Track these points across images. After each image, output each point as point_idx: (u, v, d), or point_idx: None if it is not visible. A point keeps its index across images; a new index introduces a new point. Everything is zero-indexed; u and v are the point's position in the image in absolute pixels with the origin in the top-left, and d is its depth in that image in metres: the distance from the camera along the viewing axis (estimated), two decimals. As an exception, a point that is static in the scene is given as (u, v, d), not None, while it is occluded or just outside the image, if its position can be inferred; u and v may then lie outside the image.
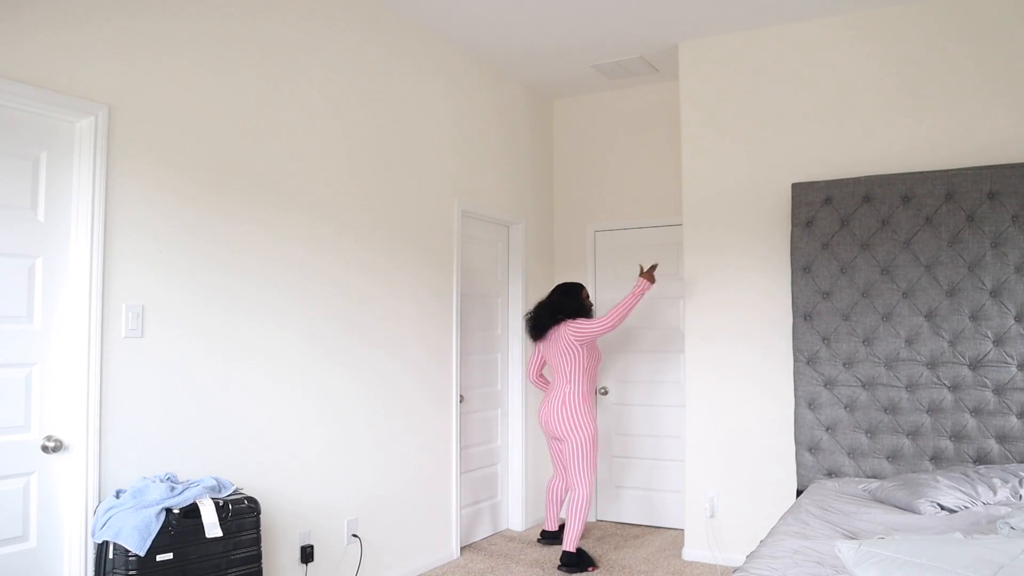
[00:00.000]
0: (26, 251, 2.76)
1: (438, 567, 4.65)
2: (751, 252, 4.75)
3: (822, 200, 4.32)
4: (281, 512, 3.65)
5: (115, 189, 2.98)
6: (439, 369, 4.76)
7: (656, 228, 5.72)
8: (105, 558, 2.72)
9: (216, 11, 3.42)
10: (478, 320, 5.31)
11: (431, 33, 4.77)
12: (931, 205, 4.09)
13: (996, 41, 4.21)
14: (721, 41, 4.89)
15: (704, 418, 4.83)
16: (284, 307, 3.71)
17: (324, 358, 3.92)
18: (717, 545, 4.77)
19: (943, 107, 4.31)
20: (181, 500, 2.83)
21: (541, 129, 6.00)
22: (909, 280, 4.11)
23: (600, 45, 5.02)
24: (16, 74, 2.69)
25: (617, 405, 5.79)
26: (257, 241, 3.58)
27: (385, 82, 4.39)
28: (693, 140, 4.95)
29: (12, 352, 2.71)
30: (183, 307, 3.23)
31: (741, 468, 4.71)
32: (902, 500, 3.35)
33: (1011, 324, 3.90)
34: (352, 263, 4.12)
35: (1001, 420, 3.90)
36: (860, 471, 4.17)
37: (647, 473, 5.67)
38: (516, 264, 5.64)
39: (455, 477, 4.84)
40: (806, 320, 4.32)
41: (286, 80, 3.76)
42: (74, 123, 2.90)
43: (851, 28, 4.54)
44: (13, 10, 2.69)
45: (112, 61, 2.99)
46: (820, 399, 4.27)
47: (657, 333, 5.68)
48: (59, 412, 2.84)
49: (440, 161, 4.83)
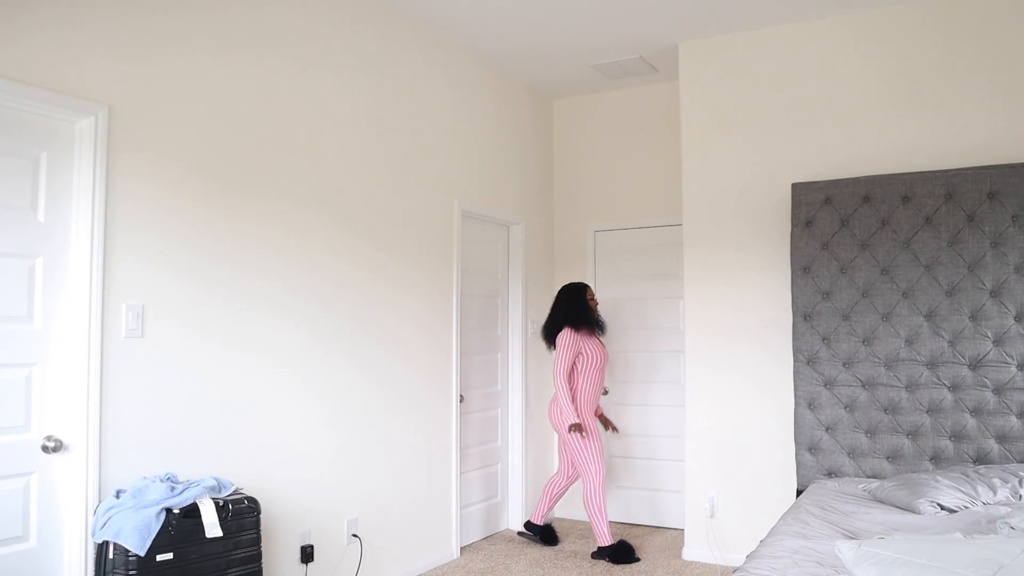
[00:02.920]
0: (26, 251, 2.76)
1: (438, 567, 4.66)
2: (751, 252, 4.75)
3: (822, 200, 4.32)
4: (281, 512, 3.65)
5: (115, 189, 2.98)
6: (439, 369, 4.76)
7: (656, 228, 5.72)
8: (105, 558, 2.72)
9: (216, 11, 3.42)
10: (478, 320, 5.31)
11: (431, 33, 4.77)
12: (931, 205, 4.10)
13: (996, 41, 4.21)
14: (721, 41, 4.89)
15: (704, 418, 4.83)
16: (284, 308, 3.71)
17: (325, 358, 3.92)
18: (717, 545, 4.77)
19: (943, 107, 4.31)
20: (181, 500, 2.83)
21: (541, 129, 6.00)
22: (909, 280, 4.11)
23: (600, 45, 5.02)
24: (16, 74, 2.69)
25: (617, 405, 5.79)
26: (258, 241, 3.58)
27: (385, 81, 4.39)
28: (693, 140, 4.95)
29: (12, 352, 2.71)
30: (183, 307, 3.23)
31: (741, 468, 4.71)
32: (902, 500, 3.35)
33: (1011, 324, 3.90)
34: (351, 263, 4.12)
35: (1001, 420, 3.90)
36: (860, 471, 4.17)
37: (647, 473, 5.67)
38: (516, 264, 5.64)
39: (455, 477, 4.84)
40: (806, 320, 4.32)
41: (287, 79, 3.76)
42: (74, 123, 2.90)
43: (851, 28, 4.54)
44: (13, 10, 2.69)
45: (112, 61, 2.99)
46: (820, 399, 4.27)
47: (657, 333, 5.68)
48: (59, 412, 2.84)
49: (440, 161, 4.83)
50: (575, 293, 4.91)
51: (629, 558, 4.68)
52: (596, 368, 4.86)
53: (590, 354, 4.83)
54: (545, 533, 5.10)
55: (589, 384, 4.85)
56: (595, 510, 4.70)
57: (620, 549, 4.68)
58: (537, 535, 5.11)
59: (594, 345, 4.87)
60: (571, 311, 4.86)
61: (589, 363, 4.84)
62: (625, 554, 4.68)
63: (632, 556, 4.69)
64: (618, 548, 4.68)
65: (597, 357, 4.86)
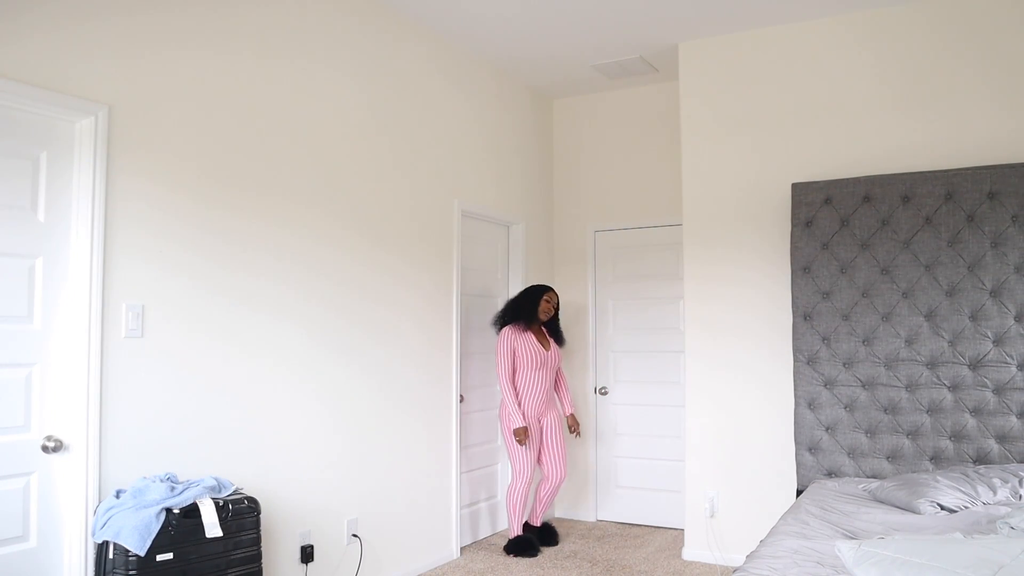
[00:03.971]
0: (26, 251, 2.76)
1: (438, 567, 4.66)
2: (751, 252, 4.75)
3: (822, 200, 4.32)
4: (281, 512, 3.65)
5: (115, 189, 2.98)
6: (440, 369, 4.76)
7: (656, 228, 5.72)
8: (105, 558, 2.72)
9: (217, 10, 3.42)
10: (478, 320, 5.31)
11: (432, 33, 4.77)
12: (931, 205, 4.09)
13: (996, 41, 4.21)
14: (721, 41, 4.89)
15: (704, 418, 4.83)
16: (284, 308, 3.71)
17: (325, 358, 3.92)
18: (717, 545, 4.77)
19: (943, 107, 4.31)
20: (181, 500, 2.83)
21: (541, 129, 6.00)
22: (909, 280, 4.11)
23: (600, 45, 5.02)
24: (16, 74, 2.69)
25: (617, 405, 5.79)
26: (258, 241, 3.58)
27: (386, 81, 4.39)
28: (693, 140, 4.95)
29: (12, 352, 2.71)
30: (183, 307, 3.23)
31: (741, 468, 4.71)
32: (902, 500, 3.35)
33: (1011, 324, 3.90)
34: (351, 263, 4.11)
35: (1001, 420, 3.90)
36: (860, 471, 4.17)
37: (647, 473, 5.67)
38: (516, 264, 5.64)
39: (455, 477, 4.84)
40: (806, 320, 4.32)
41: (289, 78, 3.76)
42: (74, 123, 2.90)
43: (851, 28, 4.54)
44: (13, 10, 2.69)
45: (112, 61, 2.99)
46: (820, 399, 4.27)
47: (657, 333, 5.68)
48: (59, 412, 2.84)
49: (440, 160, 4.83)
50: (530, 294, 4.98)
51: (526, 551, 4.82)
52: (536, 367, 4.87)
53: (527, 352, 4.85)
54: (543, 534, 5.09)
55: (529, 384, 4.87)
56: (511, 505, 4.89)
57: (518, 542, 4.85)
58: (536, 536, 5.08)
59: (531, 343, 4.87)
60: (514, 308, 4.95)
61: (526, 361, 4.86)
62: (521, 547, 4.84)
63: (528, 550, 4.83)
64: (516, 541, 4.86)
65: (536, 356, 4.86)
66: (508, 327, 4.91)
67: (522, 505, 4.90)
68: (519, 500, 4.89)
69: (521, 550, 4.83)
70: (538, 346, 4.91)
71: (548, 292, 4.97)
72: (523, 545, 4.85)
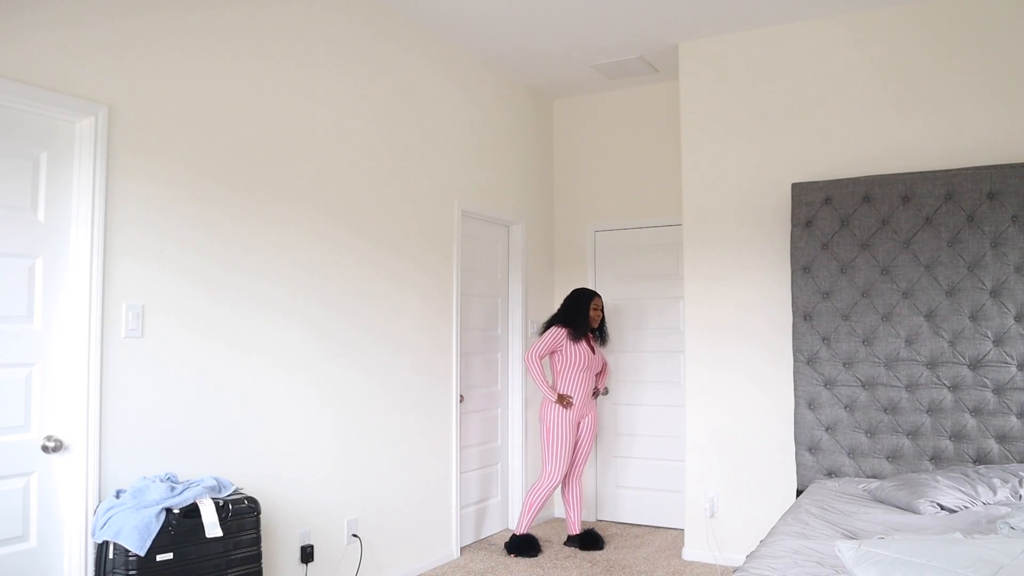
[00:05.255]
0: (26, 251, 2.76)
1: (438, 567, 4.66)
2: (751, 252, 4.75)
3: (822, 200, 4.32)
4: (281, 512, 3.65)
5: (115, 189, 2.98)
6: (439, 369, 4.76)
7: (656, 228, 5.72)
8: (105, 558, 2.72)
9: (217, 10, 3.42)
10: (478, 320, 5.31)
11: (431, 33, 4.77)
12: (931, 205, 4.09)
13: (996, 41, 4.21)
14: (721, 41, 4.89)
15: (704, 418, 4.83)
16: (284, 308, 3.71)
17: (325, 358, 3.92)
18: (717, 545, 4.77)
19: (943, 107, 4.31)
20: (181, 500, 2.83)
21: (541, 129, 6.00)
22: (909, 280, 4.11)
23: (600, 45, 5.02)
24: (16, 74, 2.69)
25: (617, 405, 5.79)
26: (258, 241, 3.58)
27: (386, 81, 4.39)
28: (693, 140, 4.95)
29: (12, 352, 2.71)
30: (183, 307, 3.23)
31: (741, 468, 4.71)
32: (902, 500, 3.35)
33: (1011, 324, 3.90)
34: (351, 263, 4.11)
35: (1001, 420, 3.90)
36: (860, 471, 4.17)
37: (647, 473, 5.67)
38: (516, 264, 5.64)
39: (455, 477, 4.84)
40: (806, 320, 4.32)
41: (288, 78, 3.76)
42: (74, 123, 2.90)
43: (851, 28, 4.54)
44: (13, 10, 2.69)
45: (112, 61, 2.99)
46: (820, 399, 4.27)
47: (657, 333, 5.68)
48: (59, 412, 2.84)
49: (440, 161, 4.83)
50: (581, 299, 4.96)
51: (526, 551, 4.83)
52: (579, 368, 4.86)
53: (571, 354, 4.85)
54: (586, 539, 5.04)
55: (572, 384, 4.86)
56: (529, 503, 4.85)
57: (519, 542, 4.86)
58: (576, 544, 5.06)
59: (580, 347, 4.88)
60: (568, 313, 4.94)
61: (569, 362, 4.86)
62: (522, 547, 4.84)
63: (529, 550, 4.84)
64: (517, 540, 4.86)
65: (580, 358, 4.86)
66: (558, 327, 4.88)
67: (540, 506, 4.87)
68: (539, 501, 4.85)
69: (522, 550, 4.83)
70: (586, 349, 4.92)
71: (595, 299, 4.98)
72: (524, 545, 4.84)
